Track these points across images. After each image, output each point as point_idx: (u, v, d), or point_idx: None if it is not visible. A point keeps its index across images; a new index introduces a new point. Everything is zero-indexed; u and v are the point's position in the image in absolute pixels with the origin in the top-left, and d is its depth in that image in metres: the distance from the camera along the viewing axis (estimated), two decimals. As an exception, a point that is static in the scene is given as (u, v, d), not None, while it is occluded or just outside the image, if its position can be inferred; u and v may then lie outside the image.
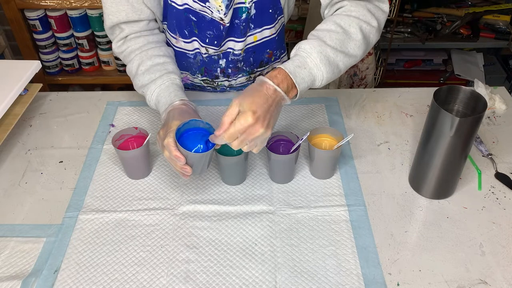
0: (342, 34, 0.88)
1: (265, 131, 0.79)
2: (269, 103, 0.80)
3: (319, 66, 0.85)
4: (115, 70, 2.07)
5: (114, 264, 0.83)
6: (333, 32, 0.88)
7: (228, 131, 0.78)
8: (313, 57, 0.85)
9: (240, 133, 0.78)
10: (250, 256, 0.84)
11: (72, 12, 1.89)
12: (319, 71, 0.86)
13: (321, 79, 0.87)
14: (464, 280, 0.80)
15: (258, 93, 0.80)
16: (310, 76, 0.85)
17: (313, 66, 0.85)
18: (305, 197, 0.95)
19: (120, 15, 0.99)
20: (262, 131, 0.78)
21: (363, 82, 2.04)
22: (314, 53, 0.85)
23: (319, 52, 0.85)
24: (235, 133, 0.78)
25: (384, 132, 1.11)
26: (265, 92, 0.80)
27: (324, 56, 0.85)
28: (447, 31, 2.36)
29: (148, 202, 0.95)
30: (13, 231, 0.89)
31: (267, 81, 0.81)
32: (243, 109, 0.78)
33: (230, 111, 0.79)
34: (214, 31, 1.04)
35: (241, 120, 0.77)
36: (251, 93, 0.80)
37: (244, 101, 0.78)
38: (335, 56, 0.87)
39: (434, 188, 0.93)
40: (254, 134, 0.78)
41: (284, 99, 0.83)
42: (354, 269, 0.82)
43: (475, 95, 0.87)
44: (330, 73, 0.87)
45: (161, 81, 0.96)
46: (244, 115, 0.77)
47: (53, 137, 1.12)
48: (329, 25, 0.89)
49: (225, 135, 0.79)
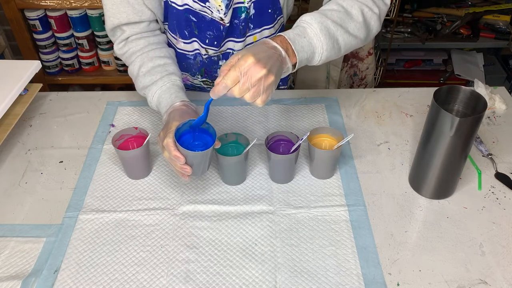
0: (344, 13, 0.88)
1: (267, 73, 0.75)
2: (269, 53, 0.77)
3: (319, 36, 0.84)
4: (115, 70, 2.07)
5: (114, 264, 0.83)
6: (335, 10, 0.88)
7: (229, 73, 0.74)
8: (314, 27, 0.84)
9: (241, 74, 0.74)
10: (250, 256, 0.84)
11: (72, 12, 1.89)
12: (319, 42, 0.84)
13: (320, 52, 0.85)
14: (464, 280, 0.80)
15: (258, 46, 0.78)
16: (310, 46, 0.84)
17: (313, 36, 0.84)
18: (305, 197, 0.95)
19: (121, 17, 0.99)
20: (264, 71, 0.74)
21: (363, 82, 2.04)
22: (314, 24, 0.84)
23: (319, 22, 0.84)
24: (236, 75, 0.74)
25: (384, 132, 1.11)
26: (265, 46, 0.79)
27: (325, 27, 0.84)
28: (447, 31, 2.36)
29: (148, 202, 0.95)
30: (13, 231, 0.89)
31: (266, 39, 0.81)
32: (243, 54, 0.75)
33: (228, 60, 0.76)
34: (214, 32, 1.04)
35: (241, 61, 0.74)
36: (250, 46, 0.79)
37: (243, 50, 0.77)
38: (336, 29, 0.86)
39: (434, 188, 0.93)
40: (257, 75, 0.74)
41: (284, 59, 0.80)
42: (354, 269, 0.82)
43: (475, 95, 0.87)
44: (330, 46, 0.85)
45: (162, 82, 0.96)
46: (244, 57, 0.74)
47: (53, 137, 1.12)
48: (331, 6, 0.90)
49: (226, 78, 0.74)
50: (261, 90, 0.76)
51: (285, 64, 0.80)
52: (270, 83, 0.76)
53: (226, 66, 0.76)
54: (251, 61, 0.74)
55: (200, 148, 0.85)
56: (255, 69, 0.74)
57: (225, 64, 0.76)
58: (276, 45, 0.79)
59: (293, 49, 0.81)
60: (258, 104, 0.77)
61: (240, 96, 0.76)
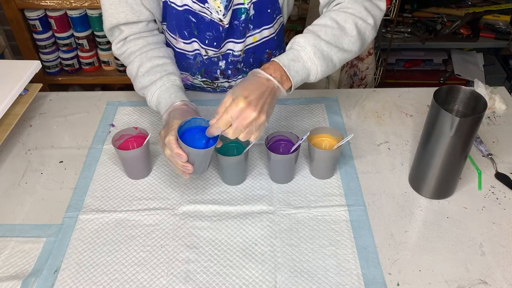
0: (337, 29, 0.89)
1: (258, 115, 0.78)
2: (262, 90, 0.80)
3: (313, 59, 0.85)
4: (115, 70, 2.07)
5: (114, 264, 0.83)
6: (328, 27, 0.89)
7: (221, 117, 0.78)
8: (307, 50, 0.85)
9: (233, 119, 0.78)
10: (250, 256, 0.84)
11: (72, 12, 1.89)
12: (313, 65, 0.86)
13: (315, 73, 0.87)
14: (464, 280, 0.80)
15: (250, 81, 0.81)
16: (304, 69, 0.86)
17: (307, 59, 0.85)
18: (305, 197, 0.95)
19: (119, 17, 0.99)
20: (254, 115, 0.78)
21: (363, 82, 2.04)
22: (308, 47, 0.85)
23: (313, 45, 0.85)
24: (228, 119, 0.78)
25: (384, 132, 1.11)
26: (258, 80, 0.81)
27: (318, 50, 0.86)
28: (447, 31, 2.36)
29: (148, 202, 0.95)
30: (13, 231, 0.89)
31: (259, 71, 0.82)
32: (235, 96, 0.78)
33: (223, 101, 0.79)
34: (213, 33, 1.04)
35: (232, 106, 0.78)
36: (243, 82, 0.81)
37: (236, 89, 0.79)
38: (329, 50, 0.87)
39: (434, 188, 0.93)
40: (247, 119, 0.78)
41: (278, 88, 0.82)
42: (354, 269, 0.82)
43: (475, 95, 0.87)
44: (325, 66, 0.87)
45: (161, 82, 0.96)
46: (236, 100, 0.78)
47: (53, 137, 1.12)
48: (325, 20, 0.90)
49: (219, 122, 0.79)
50: (253, 130, 0.80)
51: (279, 93, 0.83)
52: (261, 123, 0.80)
53: (221, 108, 0.79)
54: (242, 106, 0.77)
55: (202, 145, 0.85)
56: (246, 113, 0.78)
57: (220, 105, 0.80)
58: (270, 77, 0.81)
59: (288, 75, 0.83)
60: (251, 140, 0.82)
61: (234, 137, 0.80)
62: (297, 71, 0.85)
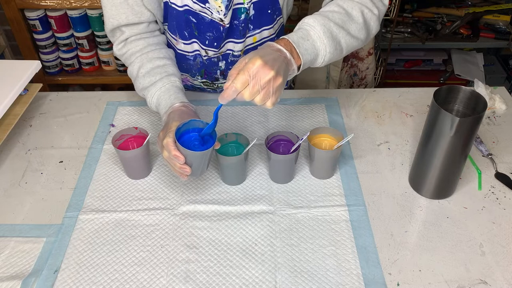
0: (345, 15, 0.88)
1: (276, 74, 0.75)
2: (275, 56, 0.77)
3: (322, 39, 0.84)
4: (115, 70, 2.07)
5: (114, 264, 0.83)
6: (336, 12, 0.88)
7: (238, 77, 0.74)
8: (317, 30, 0.84)
9: (251, 77, 0.74)
10: (250, 256, 0.84)
11: (72, 12, 1.89)
12: (322, 44, 0.84)
13: (324, 54, 0.85)
14: (464, 280, 0.80)
15: (263, 49, 0.79)
16: (314, 49, 0.84)
17: (316, 38, 0.84)
18: (305, 197, 0.95)
19: (120, 18, 0.99)
20: (272, 73, 0.74)
21: (363, 82, 2.04)
22: (317, 26, 0.84)
23: (322, 25, 0.84)
24: (245, 78, 0.74)
25: (384, 132, 1.11)
26: (271, 49, 0.79)
27: (327, 30, 0.85)
28: (447, 31, 2.36)
29: (148, 202, 0.95)
30: (13, 231, 0.89)
31: (271, 43, 0.81)
32: (250, 58, 0.75)
33: (237, 64, 0.76)
34: (213, 33, 1.04)
35: (249, 64, 0.74)
36: (256, 50, 0.79)
37: (249, 54, 0.77)
38: (338, 31, 0.86)
39: (434, 188, 0.93)
40: (265, 77, 0.74)
41: (290, 61, 0.80)
42: (354, 269, 0.82)
43: (475, 95, 0.87)
44: (333, 48, 0.86)
45: (161, 83, 0.96)
46: (252, 59, 0.74)
47: (53, 137, 1.12)
48: (332, 7, 0.90)
49: (235, 81, 0.74)
50: (271, 92, 0.76)
51: (290, 66, 0.81)
52: (279, 84, 0.76)
53: (235, 70, 0.76)
54: (259, 64, 0.74)
55: (200, 148, 0.85)
56: (263, 71, 0.74)
57: (233, 68, 0.76)
58: (281, 47, 0.80)
59: (297, 52, 0.81)
60: (267, 106, 0.78)
61: (251, 99, 0.75)
62: (306, 49, 0.83)
